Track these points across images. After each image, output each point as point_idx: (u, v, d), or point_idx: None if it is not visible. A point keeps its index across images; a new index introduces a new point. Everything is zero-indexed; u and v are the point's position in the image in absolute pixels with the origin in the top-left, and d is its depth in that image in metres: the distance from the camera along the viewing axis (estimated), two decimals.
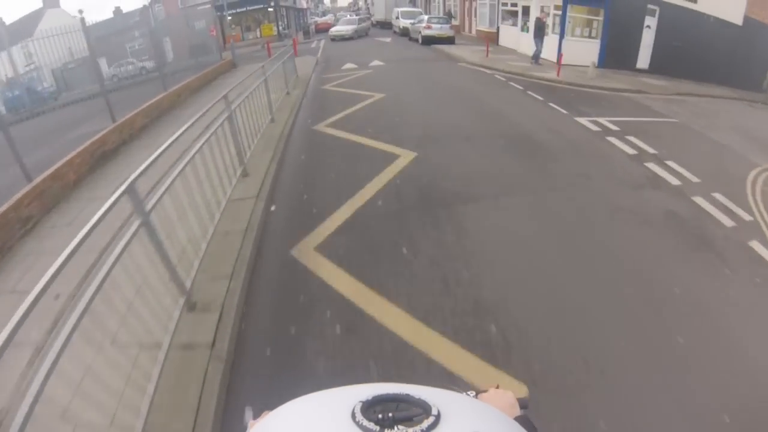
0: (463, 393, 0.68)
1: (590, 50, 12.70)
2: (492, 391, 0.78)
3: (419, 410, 0.43)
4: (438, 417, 0.42)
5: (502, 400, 0.75)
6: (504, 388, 0.79)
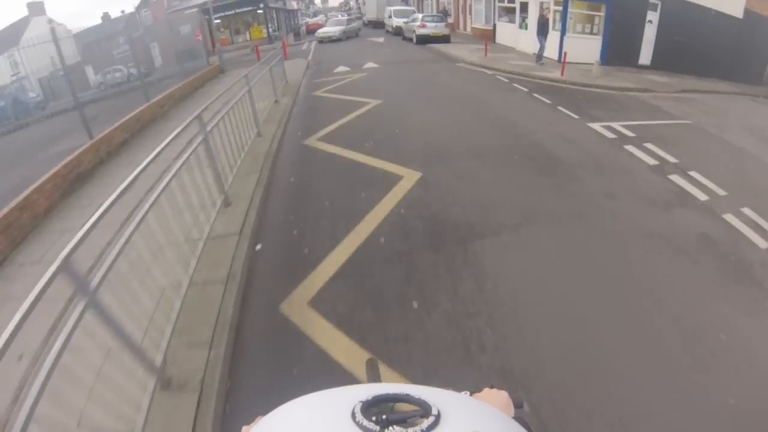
0: (457, 392, 0.68)
1: (592, 47, 12.29)
2: (486, 391, 0.77)
3: (418, 410, 0.44)
4: (438, 417, 0.42)
5: (497, 400, 0.74)
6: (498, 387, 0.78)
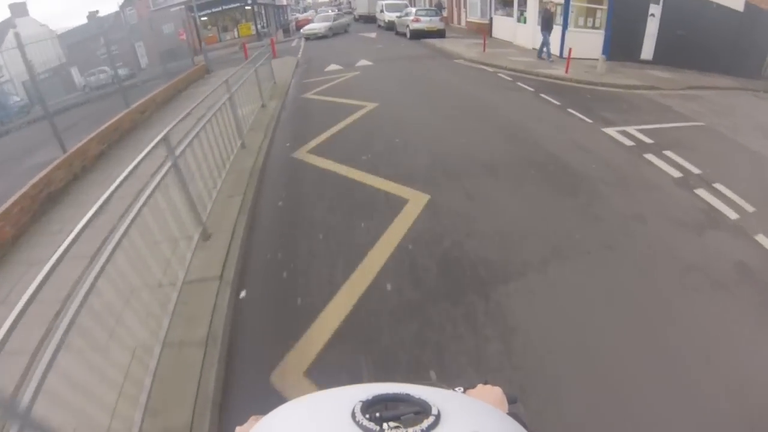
0: (451, 390, 0.70)
1: (594, 42, 11.80)
2: (480, 387, 0.76)
3: (416, 409, 0.43)
4: (438, 416, 0.41)
5: (491, 396, 0.72)
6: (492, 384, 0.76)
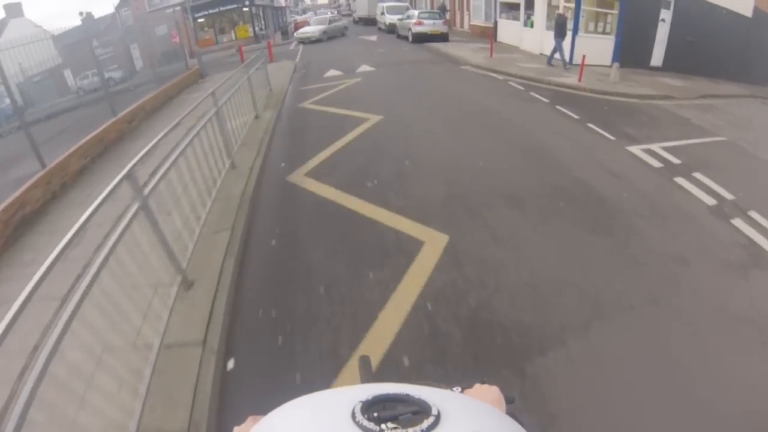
0: (449, 389, 0.70)
1: (605, 48, 11.35)
2: (478, 387, 0.75)
3: (415, 408, 0.44)
4: (438, 417, 0.41)
5: (488, 395, 0.72)
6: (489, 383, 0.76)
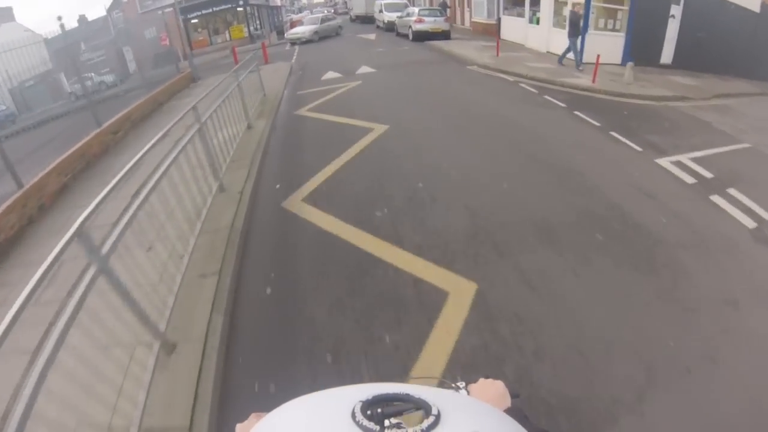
0: (454, 385, 0.73)
1: (615, 45, 10.86)
2: (482, 381, 0.76)
3: (413, 407, 0.44)
4: (438, 417, 0.41)
5: (493, 390, 0.72)
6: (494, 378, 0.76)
